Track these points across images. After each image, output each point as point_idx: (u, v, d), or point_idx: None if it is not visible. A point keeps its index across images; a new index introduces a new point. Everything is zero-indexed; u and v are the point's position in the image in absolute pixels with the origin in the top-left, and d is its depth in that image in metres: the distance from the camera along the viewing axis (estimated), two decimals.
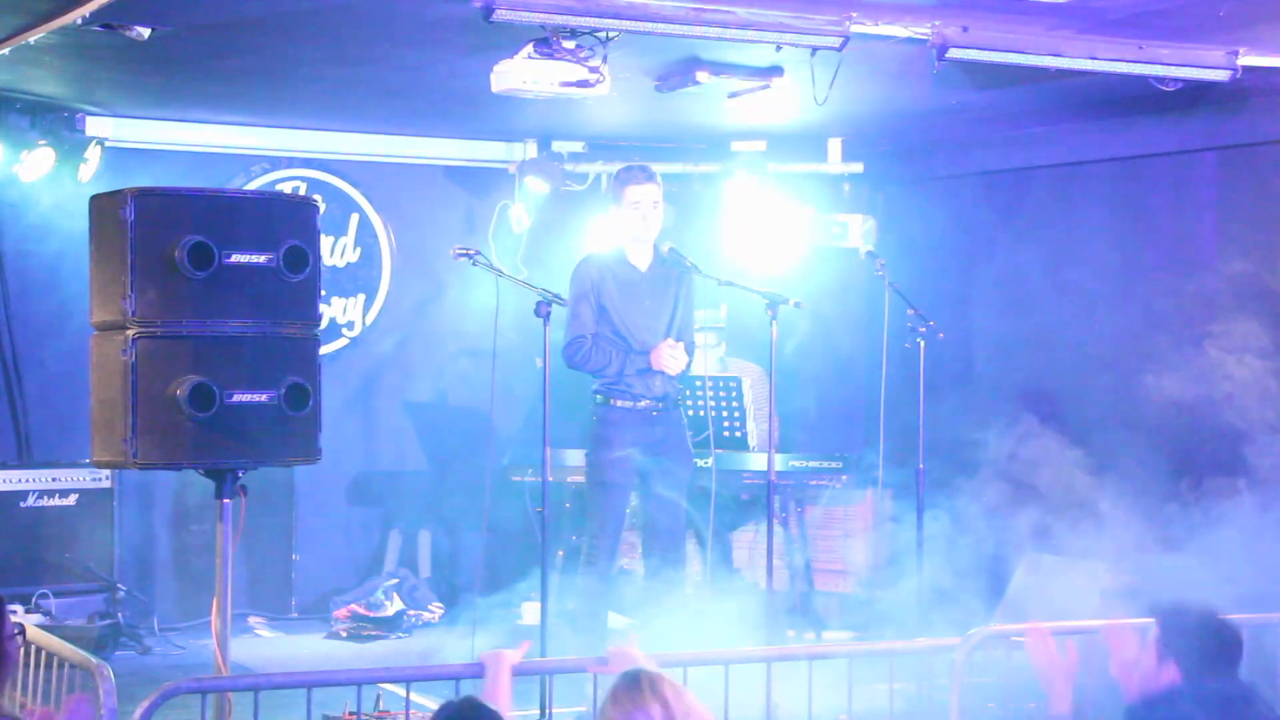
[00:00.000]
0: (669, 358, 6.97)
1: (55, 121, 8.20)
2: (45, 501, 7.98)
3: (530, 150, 9.36)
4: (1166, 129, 7.96)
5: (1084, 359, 8.54)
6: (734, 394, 7.91)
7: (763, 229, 9.20)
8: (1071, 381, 8.52)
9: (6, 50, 6.30)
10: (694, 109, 7.89)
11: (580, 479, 7.53)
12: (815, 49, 5.81)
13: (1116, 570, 7.21)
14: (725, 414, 7.78)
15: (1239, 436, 6.86)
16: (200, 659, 7.82)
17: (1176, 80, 6.24)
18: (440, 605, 9.03)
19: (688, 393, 7.48)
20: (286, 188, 9.19)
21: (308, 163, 9.28)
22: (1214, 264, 7.94)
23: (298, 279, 5.33)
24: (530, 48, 5.75)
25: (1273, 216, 7.64)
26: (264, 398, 5.26)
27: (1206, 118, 7.66)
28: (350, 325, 9.45)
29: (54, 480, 8.03)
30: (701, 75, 6.67)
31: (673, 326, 7.15)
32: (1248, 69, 6.23)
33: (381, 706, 5.66)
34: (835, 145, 9.20)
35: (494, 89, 5.94)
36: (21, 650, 3.88)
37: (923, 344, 7.51)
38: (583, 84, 5.81)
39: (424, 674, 5.89)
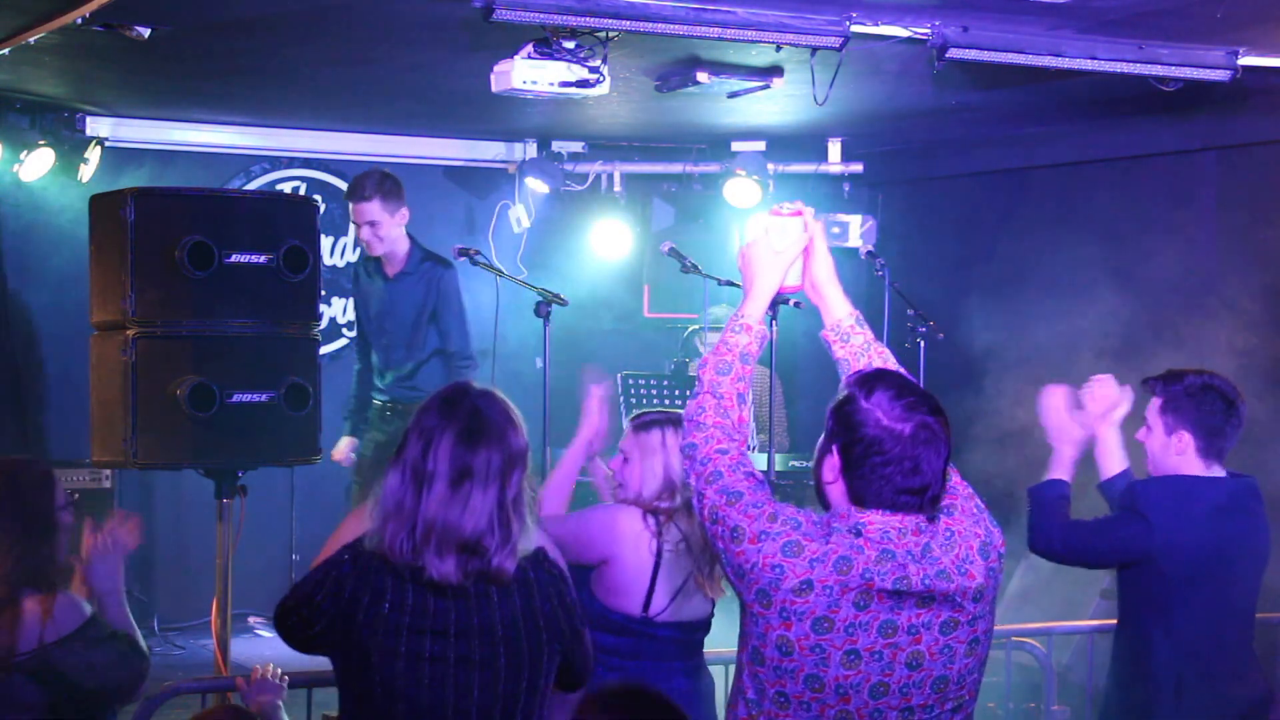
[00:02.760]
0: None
1: (55, 121, 8.20)
2: None
3: (530, 150, 9.36)
4: (1166, 129, 7.96)
5: (1083, 359, 8.53)
6: None
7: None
8: (1071, 381, 8.51)
9: (6, 50, 6.30)
10: (694, 109, 7.89)
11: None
12: (815, 49, 5.80)
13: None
14: None
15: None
16: (200, 659, 7.82)
17: (1176, 80, 6.23)
18: None
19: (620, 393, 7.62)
20: (286, 188, 9.19)
21: (308, 163, 9.28)
22: (1214, 264, 7.94)
23: (298, 279, 5.32)
24: (530, 48, 5.74)
25: (1273, 216, 7.64)
26: (264, 398, 5.26)
27: (1206, 118, 7.65)
28: (350, 325, 9.44)
29: None
30: (701, 75, 6.66)
31: (415, 336, 7.29)
32: (1248, 69, 6.22)
33: None
34: (835, 145, 9.20)
35: (494, 89, 5.93)
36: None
37: (923, 344, 7.50)
38: (583, 84, 5.81)
39: None
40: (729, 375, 3.28)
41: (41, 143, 8.08)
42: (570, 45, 5.73)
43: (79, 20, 5.70)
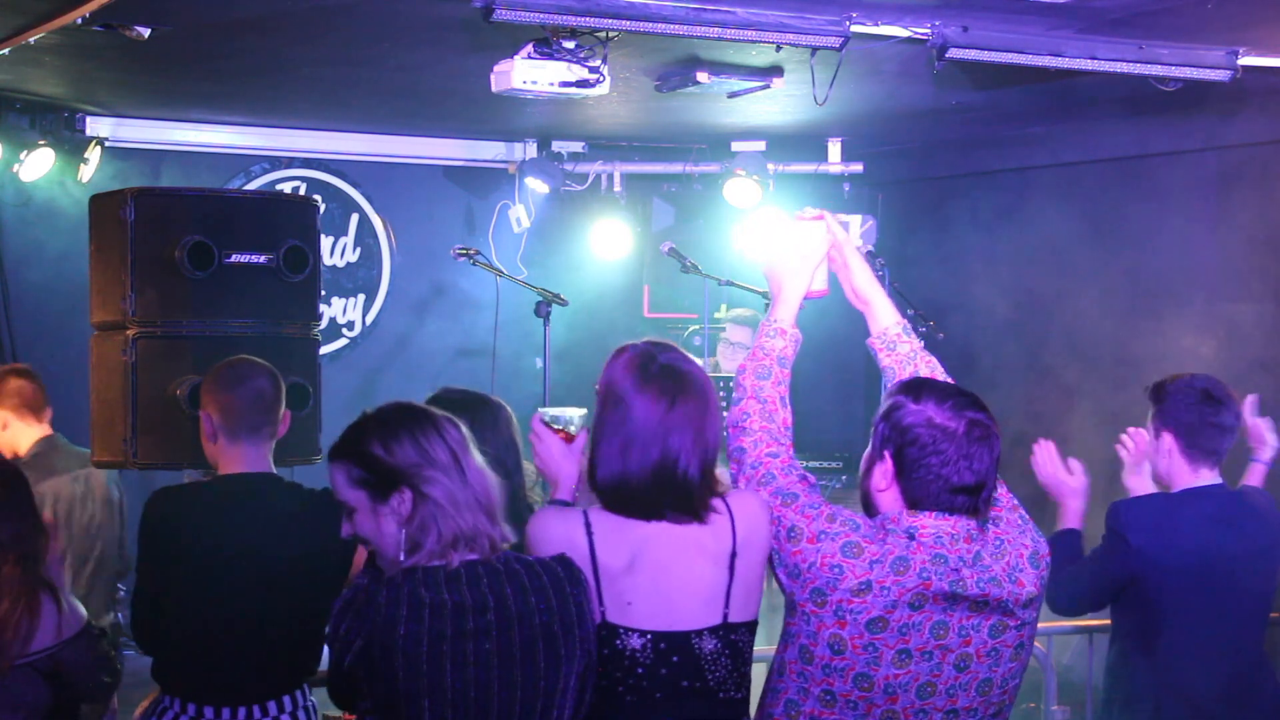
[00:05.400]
0: None
1: (55, 121, 8.20)
2: None
3: (530, 150, 9.36)
4: (1166, 129, 7.96)
5: (1084, 359, 8.54)
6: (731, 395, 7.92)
7: (763, 229, 9.20)
8: (1071, 381, 8.52)
9: (6, 50, 6.30)
10: (694, 109, 7.89)
11: None
12: (815, 49, 5.80)
13: None
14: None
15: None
16: None
17: (1176, 80, 6.23)
18: None
19: None
20: (286, 188, 9.19)
21: (308, 163, 9.28)
22: (1214, 264, 7.94)
23: (298, 279, 5.33)
24: (530, 48, 5.74)
25: (1273, 216, 7.64)
26: None
27: (1206, 118, 7.66)
28: (350, 325, 9.44)
29: None
30: (701, 75, 6.66)
31: None
32: (1248, 69, 6.22)
33: None
34: (835, 145, 9.20)
35: (494, 89, 5.93)
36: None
37: (922, 344, 7.49)
38: (583, 84, 5.81)
39: None
40: (769, 379, 3.38)
41: (41, 143, 8.08)
42: (570, 45, 5.73)
43: (79, 20, 5.70)
